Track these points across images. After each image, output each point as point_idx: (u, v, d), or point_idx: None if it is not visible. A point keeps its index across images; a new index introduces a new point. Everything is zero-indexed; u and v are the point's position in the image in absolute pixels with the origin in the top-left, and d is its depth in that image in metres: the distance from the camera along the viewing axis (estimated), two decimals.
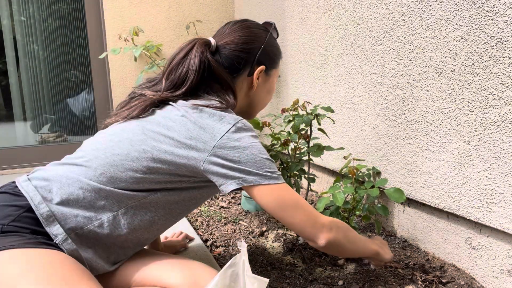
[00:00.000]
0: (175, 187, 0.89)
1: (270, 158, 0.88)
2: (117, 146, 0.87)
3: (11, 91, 2.75)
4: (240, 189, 0.87)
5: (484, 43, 1.08)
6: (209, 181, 0.91)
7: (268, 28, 1.05)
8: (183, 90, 0.93)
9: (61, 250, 0.81)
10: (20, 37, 2.72)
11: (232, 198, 1.98)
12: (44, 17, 2.74)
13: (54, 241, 0.80)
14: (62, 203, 0.82)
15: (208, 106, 0.89)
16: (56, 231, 0.81)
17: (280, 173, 0.89)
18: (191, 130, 0.85)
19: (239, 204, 1.89)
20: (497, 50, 1.05)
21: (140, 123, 0.89)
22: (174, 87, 0.94)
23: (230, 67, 0.98)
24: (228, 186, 0.84)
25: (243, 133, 0.86)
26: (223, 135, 0.84)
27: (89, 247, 0.84)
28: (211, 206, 1.87)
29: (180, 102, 0.91)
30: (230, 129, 0.85)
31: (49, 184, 0.84)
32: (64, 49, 2.80)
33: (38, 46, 2.75)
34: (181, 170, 0.86)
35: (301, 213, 0.87)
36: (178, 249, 1.34)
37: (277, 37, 1.09)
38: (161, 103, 0.93)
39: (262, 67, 1.01)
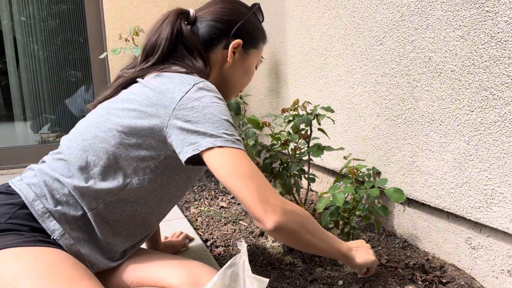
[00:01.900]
0: (148, 166, 0.85)
1: (232, 122, 0.82)
2: (85, 132, 0.86)
3: (11, 91, 2.75)
4: (200, 161, 0.81)
5: (484, 43, 1.08)
6: None
7: (255, 8, 1.02)
8: (155, 58, 0.92)
9: (60, 247, 0.81)
10: (20, 37, 2.72)
11: (232, 198, 1.98)
12: (44, 17, 2.74)
13: (51, 237, 0.81)
14: (52, 199, 0.83)
15: (170, 71, 0.87)
16: (53, 226, 0.81)
17: (240, 140, 0.81)
18: (151, 97, 0.83)
19: (239, 204, 1.89)
20: (497, 50, 1.05)
21: (106, 104, 0.89)
22: (146, 57, 0.93)
23: (206, 38, 0.96)
24: (185, 154, 0.78)
25: (204, 92, 0.82)
26: (183, 96, 0.80)
27: (85, 243, 0.84)
28: (211, 206, 1.87)
29: (147, 76, 0.90)
30: (190, 89, 0.81)
31: (39, 181, 0.84)
32: (64, 49, 2.80)
33: (38, 46, 2.75)
34: (149, 143, 0.83)
35: (254, 185, 0.77)
36: (178, 249, 1.34)
37: (262, 20, 1.05)
38: (131, 82, 0.92)
39: (239, 41, 0.97)
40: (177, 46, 0.93)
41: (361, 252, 0.99)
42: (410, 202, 1.45)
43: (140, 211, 0.89)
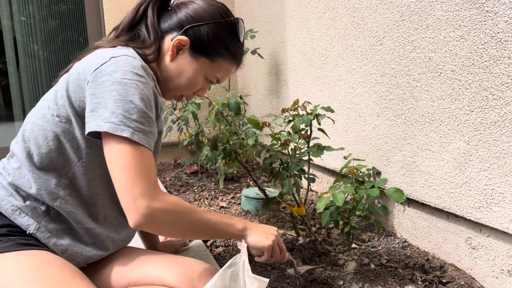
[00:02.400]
0: (88, 146, 0.84)
1: (138, 103, 0.76)
2: (26, 123, 0.87)
3: (11, 91, 2.75)
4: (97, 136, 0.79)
5: (484, 43, 1.08)
6: None
7: (231, 20, 0.94)
8: (117, 32, 0.94)
9: (45, 247, 0.81)
10: (20, 37, 2.72)
11: (232, 198, 1.98)
12: (44, 17, 2.74)
13: (27, 232, 0.80)
14: (19, 197, 0.83)
15: (103, 46, 0.87)
16: (26, 222, 0.81)
17: (139, 127, 0.76)
18: (74, 74, 0.82)
19: (239, 204, 1.89)
20: (497, 50, 1.05)
21: (44, 96, 0.89)
22: (114, 32, 0.95)
23: (164, 25, 0.94)
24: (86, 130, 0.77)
25: (120, 66, 0.77)
26: (97, 68, 0.77)
27: (65, 233, 0.84)
28: (211, 206, 1.87)
29: None
30: (105, 62, 0.77)
31: (2, 183, 0.85)
32: (64, 49, 2.80)
33: (38, 46, 2.75)
34: (83, 120, 0.82)
35: (128, 179, 0.74)
36: (178, 249, 1.34)
37: (239, 39, 0.95)
38: None
39: (185, 39, 0.90)
40: (140, 24, 0.94)
41: (258, 234, 0.91)
42: (410, 202, 1.45)
43: (95, 193, 0.88)
